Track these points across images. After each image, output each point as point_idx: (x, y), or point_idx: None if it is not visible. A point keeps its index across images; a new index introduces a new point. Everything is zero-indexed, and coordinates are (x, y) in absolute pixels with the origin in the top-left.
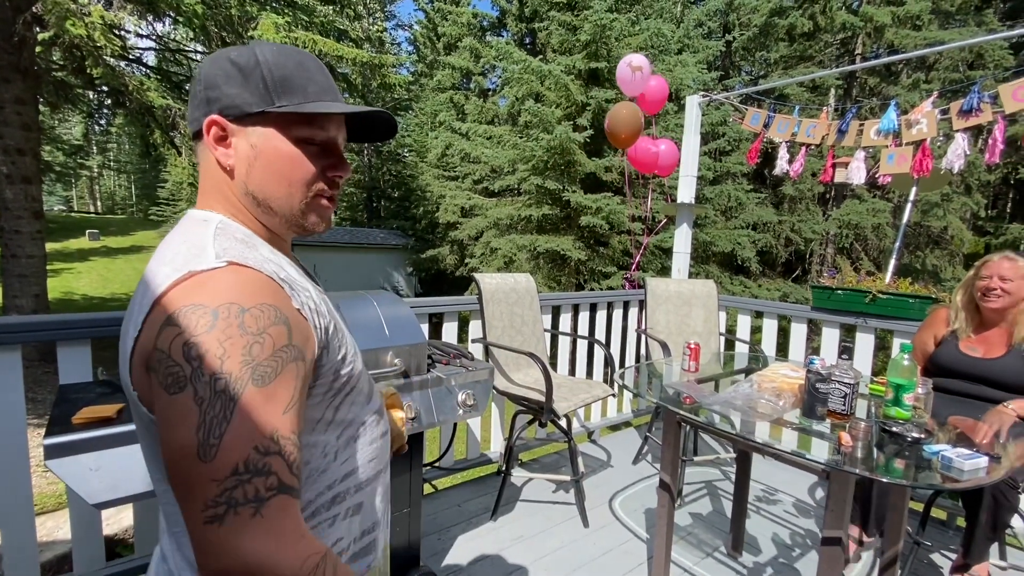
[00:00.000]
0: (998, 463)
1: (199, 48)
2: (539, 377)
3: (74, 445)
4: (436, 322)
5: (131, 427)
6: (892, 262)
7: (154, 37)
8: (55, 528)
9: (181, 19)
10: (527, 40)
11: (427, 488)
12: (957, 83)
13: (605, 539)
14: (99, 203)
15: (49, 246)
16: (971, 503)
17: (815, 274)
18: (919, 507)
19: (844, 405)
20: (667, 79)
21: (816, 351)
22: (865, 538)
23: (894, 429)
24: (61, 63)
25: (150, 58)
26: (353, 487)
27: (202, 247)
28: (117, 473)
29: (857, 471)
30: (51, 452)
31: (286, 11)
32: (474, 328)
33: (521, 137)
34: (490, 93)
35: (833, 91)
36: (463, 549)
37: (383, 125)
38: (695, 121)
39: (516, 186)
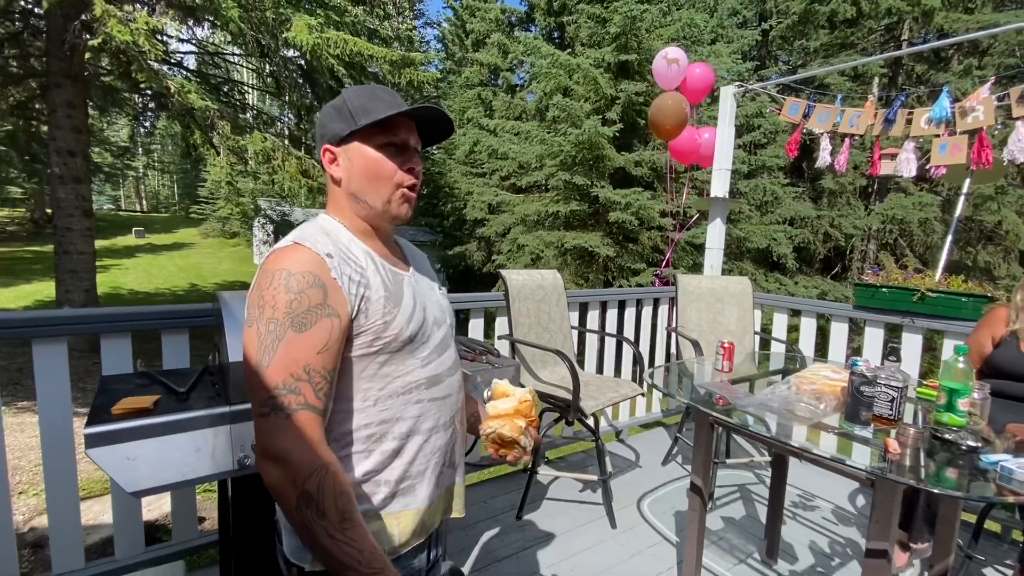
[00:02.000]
0: None
1: (235, 51)
2: (566, 375)
3: (112, 435)
4: (463, 318)
5: (167, 418)
6: (943, 258)
7: (194, 41)
8: (101, 512)
9: (219, 23)
10: (555, 34)
11: None
12: (1014, 68)
13: (633, 541)
14: (144, 202)
15: (98, 243)
16: None
17: (856, 271)
18: (971, 518)
19: (891, 410)
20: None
21: (857, 352)
22: (913, 545)
23: (947, 436)
24: (108, 68)
25: (190, 61)
26: (391, 433)
27: (293, 235)
28: (154, 463)
29: (905, 480)
30: (91, 441)
31: (318, 12)
32: (501, 325)
33: (549, 132)
34: (518, 89)
35: (877, 80)
36: (489, 546)
37: (442, 122)
38: (730, 112)
39: (544, 182)
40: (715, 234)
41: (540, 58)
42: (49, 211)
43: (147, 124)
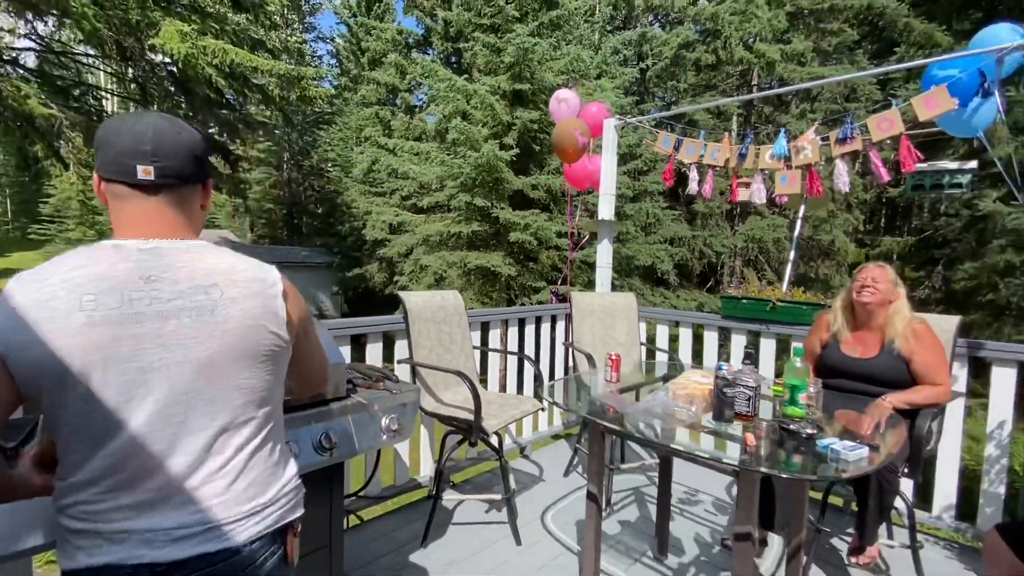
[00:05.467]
0: (877, 452)
1: (90, 51)
2: (468, 396)
3: None
4: (360, 343)
5: None
6: (787, 272)
7: (34, 36)
8: None
9: (68, 20)
10: (453, 59)
11: (352, 520)
12: (835, 113)
13: (538, 555)
14: None
15: None
16: (860, 489)
17: (725, 284)
18: (819, 496)
19: (749, 407)
20: (588, 102)
21: (728, 358)
22: (766, 536)
23: (792, 427)
24: None
25: (30, 60)
26: None
27: (251, 259)
28: None
29: (762, 469)
30: None
31: (193, 18)
32: (401, 348)
33: (449, 154)
34: (417, 110)
35: (735, 118)
36: None
37: None
38: (612, 142)
39: (445, 203)
40: (604, 253)
41: (438, 81)
42: None
43: None
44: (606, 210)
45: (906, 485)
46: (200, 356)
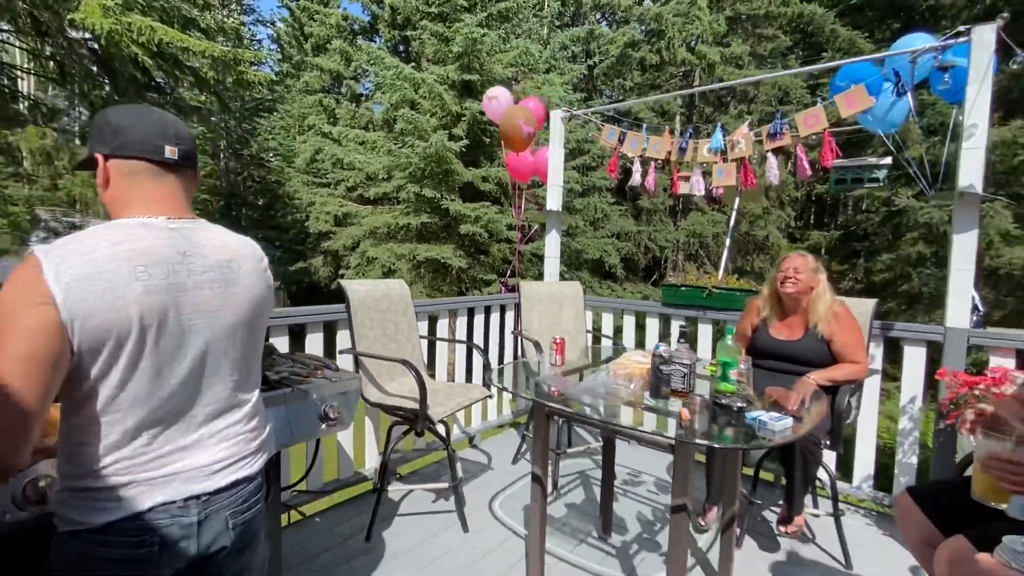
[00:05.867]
0: (801, 423)
1: (3, 26)
2: (414, 385)
3: None
4: (298, 333)
5: None
6: (723, 262)
7: None
8: None
9: None
10: (401, 47)
11: (294, 515)
12: (770, 115)
13: (485, 541)
14: None
15: None
16: (787, 462)
17: (671, 278)
18: (751, 471)
19: (684, 384)
20: (536, 96)
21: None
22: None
23: (723, 401)
24: None
25: None
26: None
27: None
28: None
29: (697, 441)
30: None
31: None
32: (344, 339)
33: (397, 144)
34: (363, 98)
35: (678, 117)
36: (335, 575)
37: None
38: (559, 134)
39: (393, 194)
40: (552, 244)
41: (384, 69)
42: None
43: None
44: (553, 201)
45: (829, 458)
46: (227, 321)
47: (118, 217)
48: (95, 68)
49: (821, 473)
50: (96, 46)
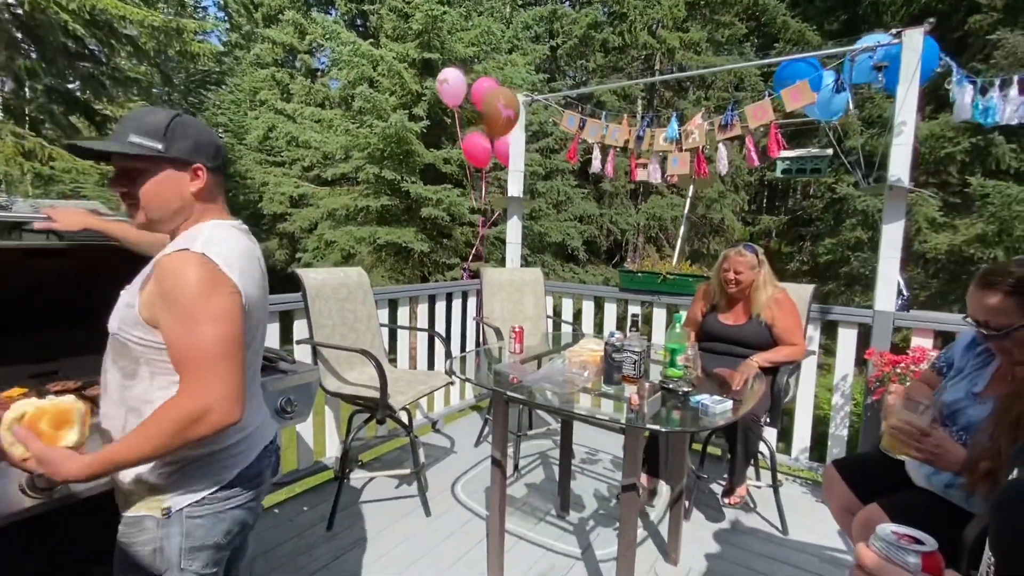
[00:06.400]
0: (740, 404)
1: None
2: (374, 374)
3: None
4: None
5: None
6: (678, 246)
7: None
8: None
9: None
10: (358, 22)
11: None
12: (726, 101)
13: (447, 524)
14: None
15: None
16: (731, 438)
17: (630, 260)
18: (699, 447)
19: (635, 370)
20: (498, 77)
21: (627, 327)
22: (656, 485)
23: (671, 386)
24: None
25: None
26: None
27: None
28: None
29: (643, 425)
30: None
31: None
32: (301, 328)
33: (355, 123)
34: (319, 74)
35: (640, 100)
36: (296, 565)
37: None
38: (521, 119)
39: (352, 174)
40: (514, 229)
41: (341, 45)
42: None
43: None
44: (515, 187)
45: (770, 433)
46: (265, 316)
47: (201, 218)
48: (19, 35)
49: (762, 447)
50: (20, 11)
